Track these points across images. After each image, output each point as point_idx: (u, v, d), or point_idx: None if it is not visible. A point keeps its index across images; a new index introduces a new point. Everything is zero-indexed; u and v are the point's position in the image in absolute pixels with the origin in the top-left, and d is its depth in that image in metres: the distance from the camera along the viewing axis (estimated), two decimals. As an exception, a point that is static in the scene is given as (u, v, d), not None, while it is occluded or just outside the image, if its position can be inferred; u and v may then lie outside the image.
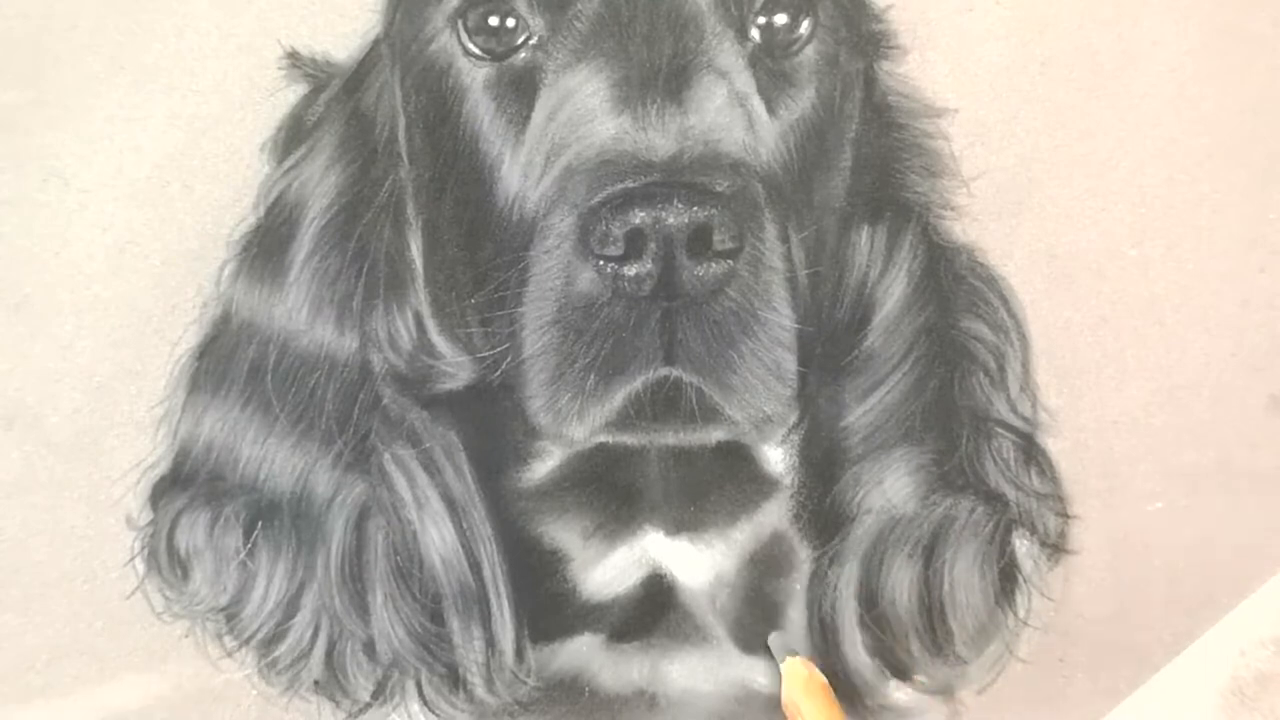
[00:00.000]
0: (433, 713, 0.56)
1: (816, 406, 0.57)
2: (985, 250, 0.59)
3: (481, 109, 0.55)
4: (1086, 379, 0.60)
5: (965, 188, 0.59)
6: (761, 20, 0.55)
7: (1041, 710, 0.58)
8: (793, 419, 0.56)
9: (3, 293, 0.57)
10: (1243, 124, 0.61)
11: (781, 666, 0.57)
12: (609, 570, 0.57)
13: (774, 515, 0.58)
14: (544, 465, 0.57)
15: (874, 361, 0.58)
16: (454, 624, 0.56)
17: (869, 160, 0.59)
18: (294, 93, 0.58)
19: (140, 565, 0.56)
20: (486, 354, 0.55)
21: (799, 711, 0.55)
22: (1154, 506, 0.58)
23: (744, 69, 0.54)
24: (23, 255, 0.57)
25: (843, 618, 0.57)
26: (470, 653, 0.56)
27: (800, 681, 0.56)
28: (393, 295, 0.57)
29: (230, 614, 0.56)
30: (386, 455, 0.56)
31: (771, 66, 0.55)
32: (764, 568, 0.58)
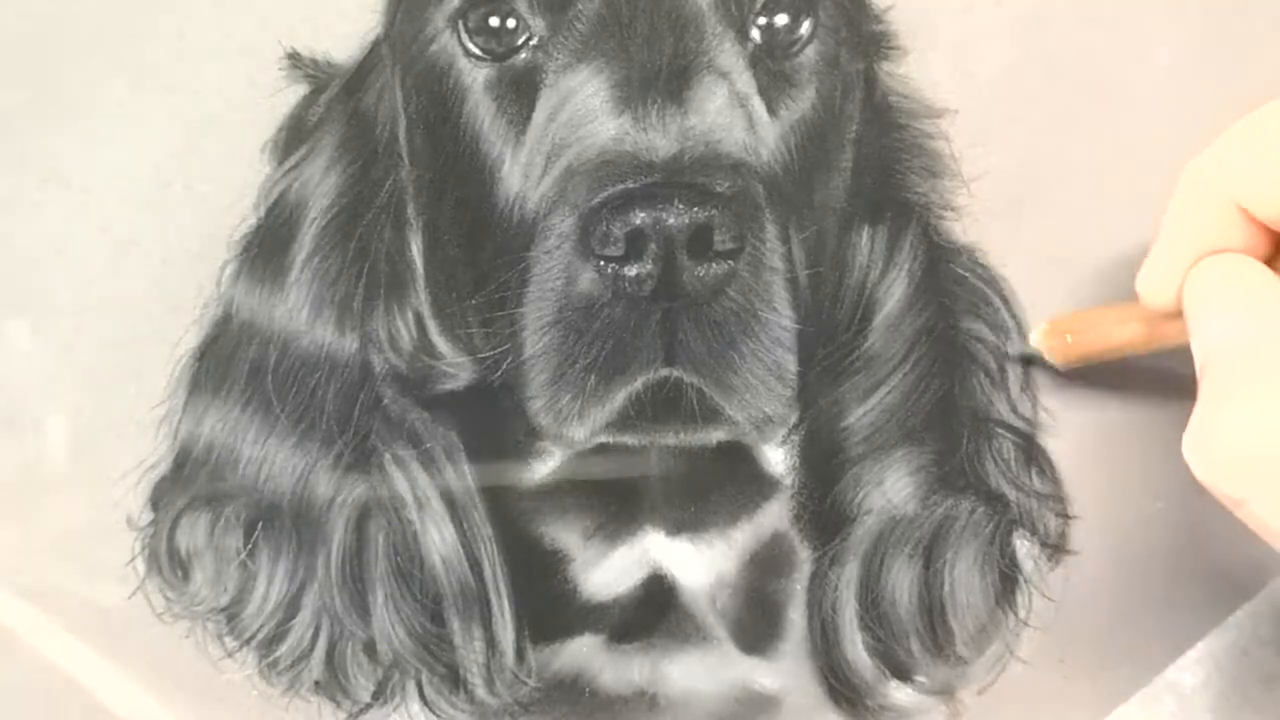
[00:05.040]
0: (433, 713, 0.56)
1: (817, 407, 0.57)
2: (985, 251, 0.59)
3: (482, 109, 0.55)
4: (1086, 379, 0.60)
5: (965, 188, 0.59)
6: (762, 21, 0.55)
7: (1041, 710, 0.58)
8: (793, 419, 0.56)
9: (2, 293, 0.57)
10: (1243, 124, 0.61)
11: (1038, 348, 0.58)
12: (609, 570, 0.57)
13: (774, 515, 0.58)
14: (544, 466, 0.57)
15: (874, 362, 0.58)
16: (454, 624, 0.56)
17: (869, 161, 0.59)
18: (294, 93, 0.58)
19: (140, 565, 0.56)
20: (487, 354, 0.55)
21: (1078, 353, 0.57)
22: (1154, 506, 0.58)
23: (745, 69, 0.54)
24: (23, 255, 0.57)
25: (843, 618, 0.57)
26: (471, 653, 0.56)
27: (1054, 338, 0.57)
28: (393, 296, 0.57)
29: (231, 614, 0.56)
30: (387, 455, 0.56)
31: (772, 67, 0.55)
32: (764, 568, 0.58)
